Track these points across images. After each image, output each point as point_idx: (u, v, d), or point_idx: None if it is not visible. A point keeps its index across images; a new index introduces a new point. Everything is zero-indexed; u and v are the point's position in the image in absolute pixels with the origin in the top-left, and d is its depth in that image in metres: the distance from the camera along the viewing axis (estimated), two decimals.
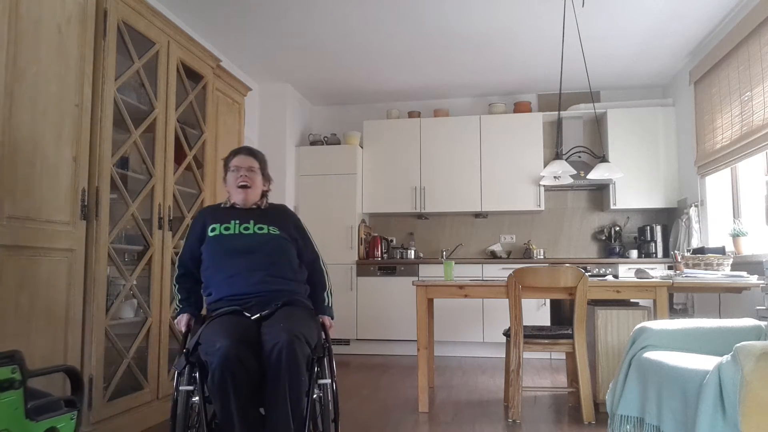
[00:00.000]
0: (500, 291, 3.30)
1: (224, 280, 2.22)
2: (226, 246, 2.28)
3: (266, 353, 1.90)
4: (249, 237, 2.30)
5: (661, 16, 4.26)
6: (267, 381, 1.90)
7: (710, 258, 3.47)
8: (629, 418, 2.28)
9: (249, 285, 2.19)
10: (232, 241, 2.28)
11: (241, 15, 4.25)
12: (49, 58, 2.41)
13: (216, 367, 1.83)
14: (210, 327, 2.01)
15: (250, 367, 1.89)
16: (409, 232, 6.29)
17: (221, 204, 2.48)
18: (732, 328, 2.33)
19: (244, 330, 1.97)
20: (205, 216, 2.40)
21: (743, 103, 4.06)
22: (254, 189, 2.42)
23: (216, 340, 1.88)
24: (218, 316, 2.09)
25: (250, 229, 2.31)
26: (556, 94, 5.42)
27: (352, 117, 6.39)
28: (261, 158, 2.50)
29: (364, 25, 4.44)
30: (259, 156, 2.50)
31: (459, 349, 5.55)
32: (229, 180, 2.42)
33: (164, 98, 3.25)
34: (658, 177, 5.51)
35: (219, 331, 1.94)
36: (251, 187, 2.40)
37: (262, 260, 2.24)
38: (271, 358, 1.89)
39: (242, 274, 2.21)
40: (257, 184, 2.43)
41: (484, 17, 4.30)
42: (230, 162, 2.44)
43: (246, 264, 2.23)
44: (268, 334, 1.95)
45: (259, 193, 2.45)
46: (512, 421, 3.13)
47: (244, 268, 2.22)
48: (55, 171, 2.45)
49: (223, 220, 2.34)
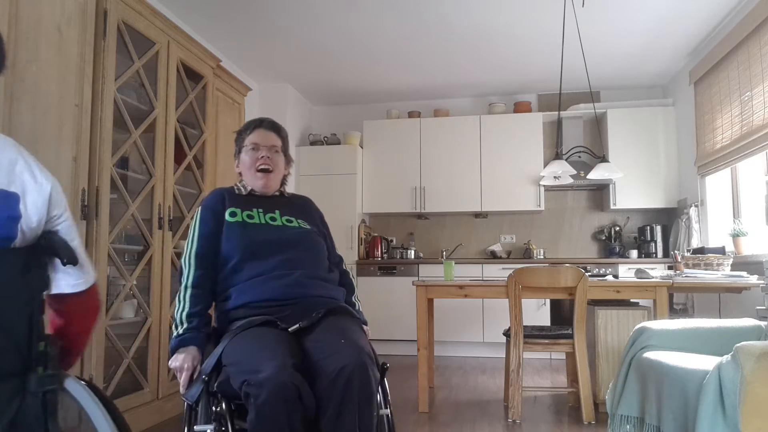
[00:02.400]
0: (500, 291, 3.30)
1: (249, 280, 1.76)
2: (252, 237, 1.81)
3: (328, 378, 1.47)
4: (279, 230, 1.86)
5: (661, 16, 4.26)
6: (323, 415, 1.47)
7: (710, 258, 3.47)
8: (629, 418, 2.28)
9: (284, 287, 1.74)
10: (260, 233, 1.83)
11: (241, 15, 4.25)
12: (49, 58, 2.41)
13: (265, 401, 1.37)
14: (242, 345, 1.56)
15: (308, 399, 1.44)
16: (409, 232, 6.29)
17: (234, 189, 1.97)
18: (732, 328, 2.33)
19: (292, 348, 1.54)
20: (221, 196, 1.90)
21: (743, 103, 4.06)
22: (276, 174, 1.97)
23: (259, 363, 1.43)
24: (244, 328, 1.62)
25: (277, 221, 1.88)
26: (556, 94, 5.42)
27: (352, 117, 6.39)
28: (284, 135, 2.03)
29: (364, 25, 4.44)
30: (283, 132, 2.03)
31: (459, 349, 5.55)
32: (245, 160, 1.94)
33: (164, 98, 3.25)
34: (658, 177, 5.52)
35: (261, 350, 1.50)
36: (273, 171, 1.94)
37: (297, 258, 1.81)
38: (337, 385, 1.46)
39: (274, 273, 1.76)
40: (280, 168, 1.98)
41: (484, 17, 4.30)
42: (247, 137, 1.96)
43: (278, 262, 1.78)
44: (327, 353, 1.52)
45: (280, 178, 2.01)
46: (512, 421, 3.13)
47: (276, 267, 1.77)
48: (55, 171, 2.42)
49: (245, 206, 1.88)
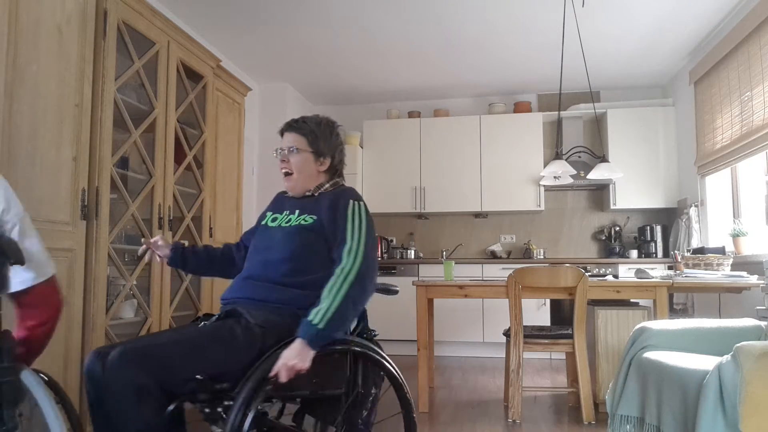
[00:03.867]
0: (500, 291, 3.30)
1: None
2: (255, 239, 1.93)
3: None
4: (272, 231, 1.88)
5: (661, 16, 4.26)
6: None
7: (710, 258, 3.47)
8: (629, 418, 2.28)
9: (233, 289, 1.82)
10: (262, 235, 1.91)
11: (241, 15, 4.25)
12: (49, 58, 2.41)
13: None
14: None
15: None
16: (409, 232, 6.29)
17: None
18: (732, 328, 2.33)
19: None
20: (273, 199, 2.05)
21: (743, 103, 4.06)
22: (299, 175, 1.91)
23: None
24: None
25: (287, 222, 1.87)
26: (556, 94, 5.42)
27: (352, 117, 6.39)
28: (309, 129, 1.93)
29: (365, 25, 4.44)
30: (307, 127, 1.93)
31: (459, 349, 5.55)
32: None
33: (164, 98, 3.25)
34: (658, 177, 5.51)
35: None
36: (293, 173, 1.91)
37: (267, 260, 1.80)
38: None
39: (242, 274, 1.85)
40: (300, 168, 1.91)
41: (484, 17, 4.30)
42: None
43: (253, 263, 1.84)
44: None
45: (303, 177, 1.92)
46: (512, 421, 3.13)
47: (247, 268, 1.85)
48: (55, 171, 2.45)
49: (277, 209, 1.96)
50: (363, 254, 1.69)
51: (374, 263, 1.74)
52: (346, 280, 1.63)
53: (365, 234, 1.74)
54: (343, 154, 2.02)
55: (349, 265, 1.67)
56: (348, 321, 1.68)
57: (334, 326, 1.58)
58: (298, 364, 1.51)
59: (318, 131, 1.93)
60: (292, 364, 1.50)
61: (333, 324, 1.57)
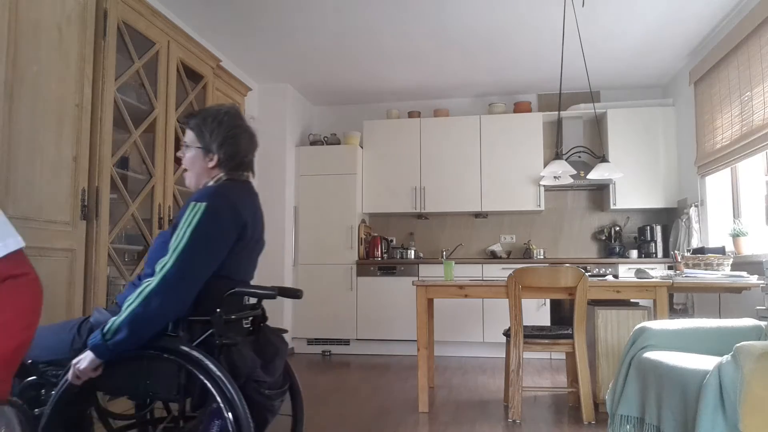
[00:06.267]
0: (500, 291, 3.30)
1: None
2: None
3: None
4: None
5: (661, 16, 4.26)
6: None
7: (710, 258, 3.47)
8: (629, 418, 2.28)
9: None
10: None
11: (241, 15, 4.25)
12: (49, 58, 2.41)
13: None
14: None
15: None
16: (409, 232, 6.29)
17: None
18: (732, 328, 2.33)
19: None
20: None
21: (743, 103, 4.06)
22: (190, 172, 1.83)
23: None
24: None
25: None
26: (556, 94, 5.42)
27: (352, 117, 6.39)
28: (195, 124, 1.81)
29: (364, 25, 4.44)
30: (194, 121, 1.81)
31: (459, 349, 5.55)
32: None
33: (164, 98, 3.25)
34: (658, 177, 5.52)
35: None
36: (187, 169, 1.84)
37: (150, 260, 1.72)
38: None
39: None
40: (191, 165, 1.82)
41: (484, 17, 4.30)
42: None
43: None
44: None
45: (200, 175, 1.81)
46: (512, 421, 3.13)
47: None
48: (55, 171, 2.45)
49: None
50: (176, 259, 1.54)
51: (190, 267, 1.56)
52: (142, 293, 1.53)
53: (188, 236, 1.56)
54: (235, 148, 1.80)
55: (159, 271, 1.55)
56: (139, 335, 1.54)
57: (118, 340, 1.51)
58: (80, 366, 1.53)
59: (204, 125, 1.79)
60: (77, 367, 1.54)
61: (117, 337, 1.51)
